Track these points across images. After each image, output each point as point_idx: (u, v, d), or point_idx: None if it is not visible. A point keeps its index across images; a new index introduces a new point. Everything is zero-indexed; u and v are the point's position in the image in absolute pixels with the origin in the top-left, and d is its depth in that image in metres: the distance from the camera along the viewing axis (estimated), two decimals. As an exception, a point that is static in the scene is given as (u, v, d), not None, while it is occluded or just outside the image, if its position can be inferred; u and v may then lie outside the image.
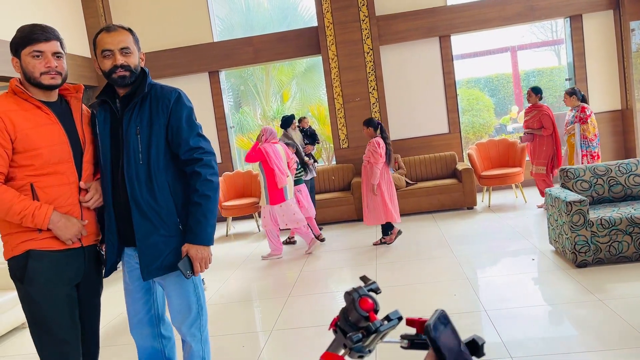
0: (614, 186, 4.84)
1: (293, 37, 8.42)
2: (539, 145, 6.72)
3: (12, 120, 1.97)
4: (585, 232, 4.36)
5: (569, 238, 4.42)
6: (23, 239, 2.01)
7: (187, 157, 2.18)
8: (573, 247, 4.39)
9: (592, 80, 8.10)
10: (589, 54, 8.07)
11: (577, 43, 8.08)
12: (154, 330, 2.36)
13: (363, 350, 1.00)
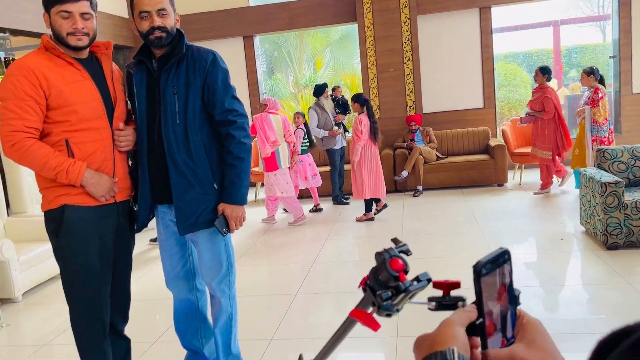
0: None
1: (329, 3, 8.30)
2: (542, 129, 6.57)
3: (45, 77, 2.01)
4: (618, 214, 4.32)
5: (601, 220, 4.39)
6: (59, 193, 2.08)
7: (221, 119, 2.24)
8: (605, 229, 4.36)
9: (637, 58, 7.82)
10: (636, 31, 7.78)
11: (624, 19, 7.79)
12: (190, 283, 2.46)
13: (391, 308, 1.02)
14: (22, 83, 1.99)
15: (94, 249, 2.14)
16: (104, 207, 2.16)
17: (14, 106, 1.98)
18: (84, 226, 2.11)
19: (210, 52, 2.27)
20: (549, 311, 3.44)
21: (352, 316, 1.11)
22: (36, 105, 2.01)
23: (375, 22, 7.88)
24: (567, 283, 3.91)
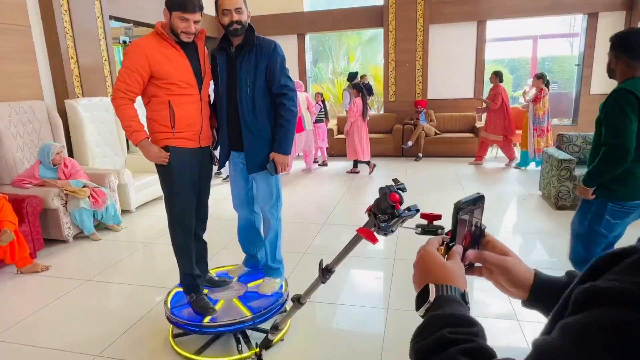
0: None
1: (362, 12, 8.08)
2: (492, 118, 6.48)
3: (153, 56, 2.03)
4: (568, 183, 4.23)
5: (555, 187, 4.32)
6: (164, 137, 2.12)
7: (278, 92, 2.23)
8: (557, 194, 4.29)
9: (596, 67, 7.42)
10: (598, 46, 7.34)
11: (590, 36, 7.37)
12: (250, 207, 2.49)
13: (387, 229, 1.06)
14: (133, 59, 2.01)
15: (185, 178, 2.19)
16: (193, 150, 2.19)
17: (124, 73, 2.03)
18: (179, 160, 2.15)
19: (272, 42, 2.24)
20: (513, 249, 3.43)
21: (359, 232, 1.15)
22: (139, 77, 2.03)
23: (397, 27, 7.64)
24: (524, 231, 3.89)
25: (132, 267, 3.37)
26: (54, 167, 3.81)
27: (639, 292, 0.32)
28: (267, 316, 2.23)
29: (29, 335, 2.44)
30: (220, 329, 2.16)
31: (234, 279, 2.58)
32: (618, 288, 0.33)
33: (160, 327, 2.43)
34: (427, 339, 0.52)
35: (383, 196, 1.05)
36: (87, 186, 3.86)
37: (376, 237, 1.12)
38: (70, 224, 3.82)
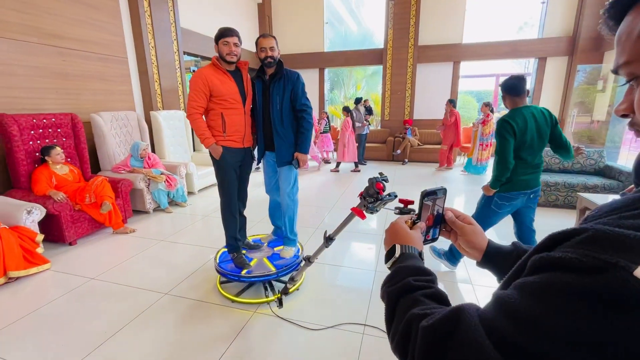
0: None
1: (368, 53, 7.94)
2: (446, 132, 6.40)
3: (210, 79, 2.04)
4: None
5: (506, 187, 4.17)
6: (218, 139, 2.14)
7: (299, 108, 2.22)
8: (507, 192, 4.15)
9: (542, 100, 7.17)
10: (546, 83, 7.09)
11: (540, 75, 7.10)
12: (277, 192, 2.49)
13: (373, 209, 1.06)
14: (198, 83, 2.03)
15: (232, 170, 2.20)
16: (238, 149, 2.20)
17: (193, 94, 2.04)
18: (228, 157, 2.17)
19: (296, 72, 2.23)
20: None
21: (352, 210, 1.16)
22: (203, 95, 2.05)
23: (392, 65, 7.51)
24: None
25: (193, 232, 3.40)
26: (141, 159, 3.89)
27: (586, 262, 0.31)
28: (287, 272, 2.25)
29: (119, 277, 2.50)
30: (253, 279, 2.18)
31: (264, 244, 2.60)
32: (569, 258, 0.33)
33: (211, 276, 2.48)
34: (395, 285, 0.52)
35: (371, 184, 1.05)
36: (163, 173, 3.93)
37: (365, 214, 1.13)
38: (151, 200, 3.90)
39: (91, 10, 3.83)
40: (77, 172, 3.33)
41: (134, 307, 2.13)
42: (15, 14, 3.12)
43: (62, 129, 3.36)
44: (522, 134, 2.01)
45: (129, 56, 4.38)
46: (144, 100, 4.67)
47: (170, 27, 4.92)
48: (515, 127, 2.00)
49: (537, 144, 2.06)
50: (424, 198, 0.67)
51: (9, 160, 3.02)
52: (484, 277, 2.49)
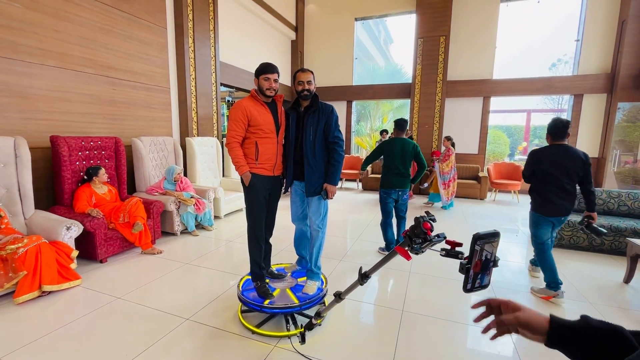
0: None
1: (395, 87, 8.09)
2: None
3: (249, 110, 2.12)
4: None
5: (544, 228, 3.92)
6: (250, 166, 2.18)
7: (332, 140, 2.24)
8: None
9: (580, 137, 6.88)
10: (583, 119, 6.83)
11: (576, 112, 6.87)
12: (303, 221, 2.47)
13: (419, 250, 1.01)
14: (238, 113, 2.11)
15: (261, 196, 2.22)
16: (268, 177, 2.23)
17: (233, 124, 2.12)
18: (258, 184, 2.19)
19: (331, 106, 2.27)
20: (501, 275, 3.14)
21: (396, 249, 1.11)
22: (242, 125, 2.12)
23: (420, 99, 7.56)
24: (514, 261, 3.55)
25: (217, 257, 3.41)
26: (174, 182, 4.06)
27: None
28: (310, 305, 2.18)
29: (144, 298, 2.52)
30: (276, 310, 2.12)
31: (288, 274, 2.55)
32: None
33: (232, 304, 2.44)
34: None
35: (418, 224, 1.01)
36: (193, 197, 4.06)
37: (410, 255, 1.07)
38: (180, 222, 4.00)
39: (143, 45, 4.21)
40: (114, 192, 3.51)
41: (156, 330, 2.12)
42: (78, 49, 3.49)
43: (106, 151, 3.59)
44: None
45: (171, 86, 4.72)
46: (181, 126, 4.95)
47: (210, 61, 5.29)
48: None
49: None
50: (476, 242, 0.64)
51: (56, 178, 3.24)
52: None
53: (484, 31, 7.20)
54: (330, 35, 8.44)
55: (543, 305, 2.57)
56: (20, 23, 3.02)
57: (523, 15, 7.37)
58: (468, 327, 2.24)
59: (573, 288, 2.84)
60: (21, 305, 2.38)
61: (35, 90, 3.17)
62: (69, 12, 3.38)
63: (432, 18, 7.23)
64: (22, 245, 2.42)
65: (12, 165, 2.81)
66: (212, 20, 5.26)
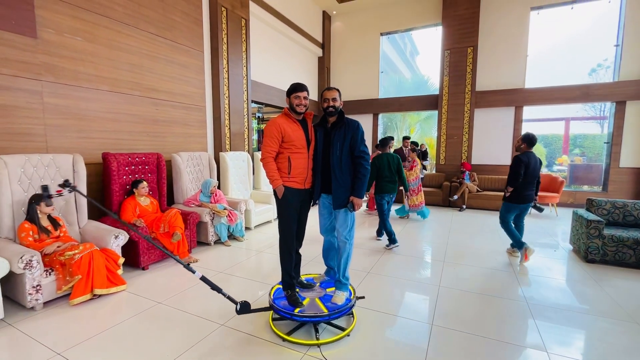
0: (628, 216, 3.90)
1: (422, 98, 8.06)
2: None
3: (283, 127, 2.24)
4: (597, 241, 3.64)
5: (585, 242, 3.73)
6: (284, 180, 2.28)
7: (357, 155, 2.30)
8: (586, 248, 3.69)
9: (624, 146, 6.47)
10: (626, 127, 6.44)
11: (618, 119, 6.49)
12: (332, 233, 2.52)
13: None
14: (273, 130, 2.24)
15: (293, 208, 2.30)
16: (299, 190, 2.31)
17: (269, 140, 2.24)
18: (290, 197, 2.28)
19: (356, 122, 2.34)
20: (541, 292, 3.02)
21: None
22: (277, 141, 2.23)
23: (448, 110, 7.48)
24: (556, 277, 3.38)
25: (248, 267, 3.53)
26: (209, 195, 4.29)
27: None
28: (339, 314, 2.22)
29: (182, 304, 2.68)
30: (306, 319, 2.19)
31: (317, 284, 2.61)
32: None
33: (264, 312, 2.53)
34: None
35: None
36: (226, 209, 4.26)
37: None
38: (213, 233, 4.19)
39: (182, 69, 4.57)
40: (155, 203, 3.78)
41: (194, 333, 2.26)
42: (127, 74, 3.86)
43: (149, 166, 3.90)
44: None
45: (206, 105, 5.04)
46: (215, 142, 5.24)
47: (243, 80, 5.61)
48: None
49: None
50: None
51: (106, 190, 3.56)
52: (562, 344, 2.18)
53: (514, 40, 7.07)
54: (356, 50, 8.63)
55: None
56: (81, 54, 3.42)
57: (556, 22, 7.16)
58: (495, 343, 2.18)
59: (618, 307, 2.67)
60: (76, 306, 2.62)
61: (91, 112, 3.54)
62: (121, 42, 3.77)
63: (458, 30, 7.22)
64: (78, 251, 2.68)
65: (70, 180, 3.14)
66: (244, 42, 5.60)
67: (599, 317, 2.52)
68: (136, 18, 3.92)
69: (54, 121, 3.25)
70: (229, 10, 5.19)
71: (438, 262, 3.68)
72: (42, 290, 2.55)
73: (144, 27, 4.01)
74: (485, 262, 3.72)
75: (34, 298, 2.52)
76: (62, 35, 3.26)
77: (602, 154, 7.03)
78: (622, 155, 6.47)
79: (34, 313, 2.52)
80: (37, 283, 2.53)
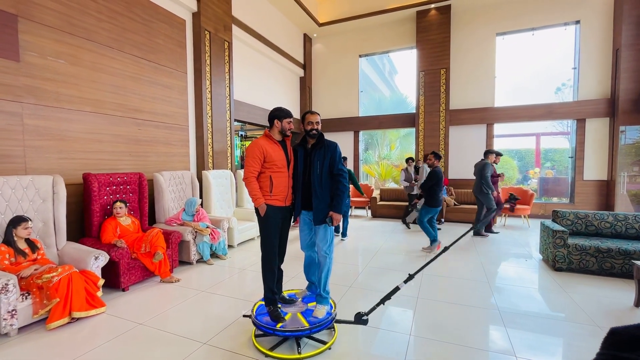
0: (589, 226, 4.19)
1: (400, 117, 8.40)
2: None
3: (265, 148, 2.34)
4: (563, 250, 3.87)
5: (552, 252, 3.95)
6: (265, 198, 2.37)
7: (336, 172, 2.41)
8: (554, 257, 3.92)
9: (586, 160, 6.95)
10: (587, 143, 6.93)
11: (580, 136, 7.00)
12: (312, 248, 2.60)
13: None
14: (255, 151, 2.33)
15: (275, 225, 2.37)
16: (281, 207, 2.39)
17: (251, 160, 2.34)
18: (272, 214, 2.36)
19: (334, 143, 2.46)
20: (511, 300, 3.18)
21: None
22: (259, 161, 2.33)
23: (425, 128, 7.82)
24: (526, 286, 3.56)
25: (230, 285, 3.53)
26: (193, 214, 4.30)
27: None
28: (320, 328, 2.29)
29: (164, 324, 2.67)
30: (288, 333, 2.23)
31: (299, 299, 2.66)
32: None
33: (246, 329, 2.56)
34: None
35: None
36: (209, 227, 4.27)
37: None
38: (196, 252, 4.18)
39: (165, 89, 4.66)
40: (137, 223, 3.76)
41: (176, 354, 2.26)
42: (110, 95, 3.91)
43: (131, 186, 3.90)
44: None
45: (189, 124, 5.11)
46: (198, 161, 5.29)
47: (225, 100, 5.73)
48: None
49: None
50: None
51: (86, 212, 3.53)
52: (530, 349, 2.33)
53: (482, 62, 7.57)
54: (337, 71, 8.97)
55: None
56: (63, 76, 3.46)
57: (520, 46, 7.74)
58: (468, 350, 2.30)
59: (582, 312, 2.86)
60: (53, 330, 2.56)
61: (72, 133, 3.55)
62: (104, 64, 3.84)
63: (431, 53, 7.67)
64: (57, 274, 2.65)
65: (50, 201, 3.12)
66: (227, 63, 5.76)
67: (565, 322, 2.69)
68: (120, 41, 4.01)
69: (34, 142, 3.25)
70: (212, 34, 5.36)
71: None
72: (17, 315, 2.49)
73: (128, 50, 4.10)
74: (461, 274, 3.88)
75: (9, 323, 2.46)
76: (45, 59, 3.30)
77: (569, 168, 7.49)
78: (585, 168, 6.93)
79: (8, 339, 2.45)
80: (13, 308, 2.47)
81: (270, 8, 7.35)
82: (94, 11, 3.72)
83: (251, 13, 6.67)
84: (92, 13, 3.70)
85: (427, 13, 7.68)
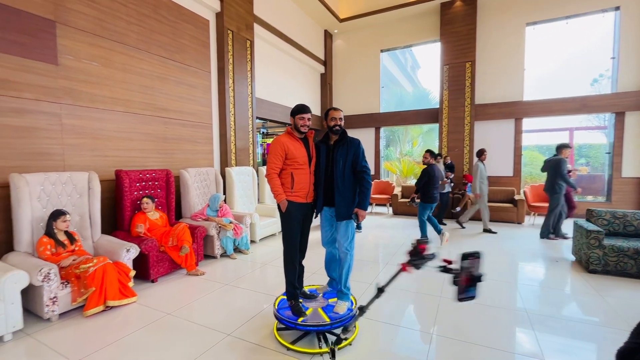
0: (628, 226, 3.94)
1: (423, 112, 8.23)
2: None
3: (286, 145, 2.37)
4: (598, 251, 3.67)
5: (586, 253, 3.76)
6: (287, 194, 2.40)
7: (359, 169, 2.41)
8: (587, 259, 3.73)
9: (625, 155, 6.51)
10: (627, 137, 6.50)
11: (618, 130, 6.57)
12: (333, 245, 2.61)
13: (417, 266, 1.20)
14: (277, 148, 2.37)
15: (296, 221, 2.40)
16: (302, 204, 2.42)
17: (273, 157, 2.38)
18: (293, 210, 2.39)
19: (357, 140, 2.46)
20: (542, 303, 3.06)
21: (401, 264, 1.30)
22: (280, 158, 2.36)
23: (449, 123, 7.61)
24: (556, 287, 3.42)
25: (253, 279, 3.61)
26: (217, 209, 4.43)
27: None
28: (341, 324, 2.30)
29: (190, 314, 2.78)
30: (309, 328, 2.27)
31: (319, 294, 2.69)
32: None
33: (268, 322, 2.62)
34: None
35: (414, 246, 1.21)
36: (232, 222, 4.39)
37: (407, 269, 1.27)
38: (219, 246, 4.31)
39: (191, 89, 4.81)
40: (165, 217, 3.92)
41: (202, 343, 2.35)
42: (139, 95, 4.09)
43: (159, 182, 4.07)
44: None
45: (213, 122, 5.25)
46: (221, 158, 5.43)
47: (248, 98, 5.83)
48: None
49: None
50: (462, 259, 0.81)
51: (118, 206, 3.72)
52: (561, 353, 2.24)
53: (511, 54, 7.25)
54: (357, 66, 8.89)
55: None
56: (97, 77, 3.65)
57: (552, 37, 7.35)
58: (493, 351, 2.24)
59: (618, 317, 2.71)
60: (89, 317, 2.74)
61: (105, 132, 3.75)
62: (134, 66, 4.01)
63: (456, 45, 7.44)
64: (92, 265, 2.82)
65: (86, 196, 3.31)
66: (249, 62, 5.85)
67: (600, 327, 2.56)
68: (149, 43, 4.17)
69: (71, 141, 3.45)
70: (234, 33, 5.47)
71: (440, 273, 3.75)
72: (58, 302, 2.68)
73: (155, 51, 4.26)
74: (488, 273, 3.77)
75: (51, 309, 2.65)
76: (80, 61, 3.50)
77: (605, 164, 7.06)
78: (624, 165, 6.52)
79: (50, 324, 2.64)
80: (54, 295, 2.66)
81: (291, 5, 7.38)
82: (124, 15, 3.89)
83: (272, 11, 6.73)
84: (122, 17, 3.87)
85: (451, 5, 7.44)
